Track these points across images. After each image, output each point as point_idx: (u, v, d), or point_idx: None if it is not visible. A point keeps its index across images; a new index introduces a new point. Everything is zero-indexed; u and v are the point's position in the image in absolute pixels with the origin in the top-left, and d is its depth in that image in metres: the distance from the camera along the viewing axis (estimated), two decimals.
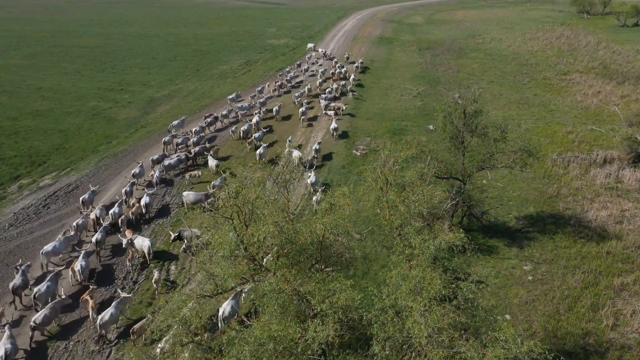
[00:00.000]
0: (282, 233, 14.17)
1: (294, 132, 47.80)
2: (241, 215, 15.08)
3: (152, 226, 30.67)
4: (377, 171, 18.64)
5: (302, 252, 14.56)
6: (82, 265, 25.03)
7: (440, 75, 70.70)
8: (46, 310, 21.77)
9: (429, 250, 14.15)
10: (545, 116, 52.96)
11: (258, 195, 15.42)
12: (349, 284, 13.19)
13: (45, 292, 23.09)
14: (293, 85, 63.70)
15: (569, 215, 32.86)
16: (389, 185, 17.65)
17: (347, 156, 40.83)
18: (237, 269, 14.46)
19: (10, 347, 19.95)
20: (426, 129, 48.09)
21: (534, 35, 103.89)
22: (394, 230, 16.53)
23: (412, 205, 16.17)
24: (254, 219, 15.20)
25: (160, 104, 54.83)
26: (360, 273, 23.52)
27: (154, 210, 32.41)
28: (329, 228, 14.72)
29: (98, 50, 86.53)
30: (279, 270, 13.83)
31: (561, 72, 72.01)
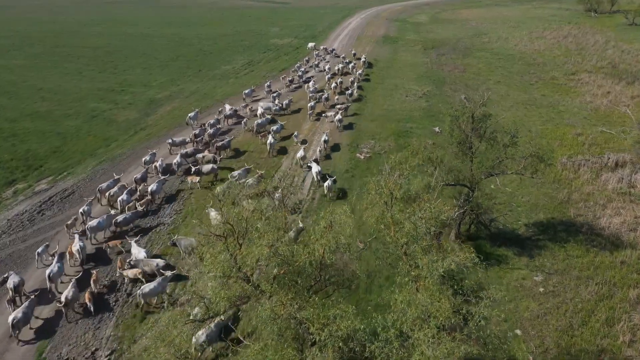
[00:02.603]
0: (277, 255, 13.17)
1: (301, 125, 48.47)
2: (234, 234, 14.08)
3: (148, 234, 29.68)
4: (381, 184, 17.55)
5: (300, 273, 13.55)
6: (81, 246, 26.45)
7: (445, 75, 69.49)
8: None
9: (437, 272, 13.14)
10: (554, 117, 51.72)
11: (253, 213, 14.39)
12: (350, 311, 12.17)
13: (57, 272, 24.78)
14: (305, 80, 64.14)
15: (580, 222, 31.70)
16: (394, 200, 16.61)
17: (351, 160, 39.76)
18: (229, 291, 13.47)
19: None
20: (432, 130, 46.95)
21: (541, 34, 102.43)
22: (399, 248, 15.49)
23: (418, 222, 15.11)
24: (249, 238, 14.19)
25: (161, 106, 53.91)
26: (362, 291, 22.44)
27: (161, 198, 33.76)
28: (328, 250, 13.68)
29: (100, 51, 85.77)
30: (274, 294, 12.82)
31: (569, 72, 70.66)
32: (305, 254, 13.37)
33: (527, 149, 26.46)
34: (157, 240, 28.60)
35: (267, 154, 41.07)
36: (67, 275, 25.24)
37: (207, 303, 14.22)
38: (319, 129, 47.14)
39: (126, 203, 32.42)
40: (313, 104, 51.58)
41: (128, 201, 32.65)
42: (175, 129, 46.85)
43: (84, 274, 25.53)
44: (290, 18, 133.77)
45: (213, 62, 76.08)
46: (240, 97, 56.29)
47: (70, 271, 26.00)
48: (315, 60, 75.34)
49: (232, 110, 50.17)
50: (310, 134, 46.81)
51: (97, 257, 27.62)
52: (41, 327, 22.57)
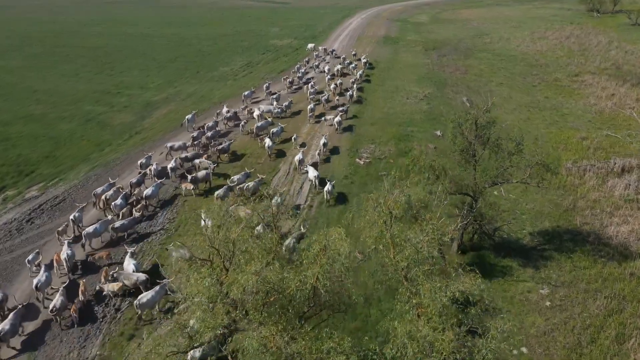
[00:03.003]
0: (266, 283, 12.19)
1: (300, 127, 47.83)
2: (220, 257, 13.09)
3: (139, 244, 28.69)
4: (379, 202, 16.54)
5: (291, 300, 12.55)
6: (68, 254, 25.76)
7: (447, 76, 68.45)
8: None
9: (440, 302, 12.16)
10: (557, 121, 50.68)
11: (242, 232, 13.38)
12: (345, 344, 11.18)
13: (45, 282, 24.15)
14: (305, 81, 63.34)
15: (587, 230, 30.69)
16: (394, 219, 15.62)
17: (350, 165, 38.75)
18: (215, 320, 12.46)
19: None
20: (433, 134, 45.92)
21: (543, 35, 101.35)
22: (400, 271, 14.49)
23: (419, 245, 14.12)
24: (235, 262, 13.20)
25: (157, 108, 52.92)
26: (359, 316, 21.30)
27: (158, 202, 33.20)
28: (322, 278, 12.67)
29: (99, 51, 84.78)
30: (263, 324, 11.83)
31: (572, 74, 69.58)
32: (297, 282, 12.38)
33: (532, 156, 25.47)
34: (148, 251, 27.60)
35: (265, 157, 40.21)
36: (53, 289, 24.22)
37: (191, 332, 13.24)
38: (318, 132, 46.22)
39: (120, 208, 31.63)
40: (313, 106, 50.99)
41: (122, 206, 31.82)
42: (171, 132, 45.90)
43: (72, 283, 24.66)
44: (290, 18, 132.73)
45: (212, 63, 75.08)
46: (238, 99, 55.37)
47: (59, 280, 25.16)
48: (315, 61, 74.52)
49: (232, 112, 49.49)
50: (309, 137, 45.86)
51: (86, 266, 26.71)
52: (24, 342, 21.61)
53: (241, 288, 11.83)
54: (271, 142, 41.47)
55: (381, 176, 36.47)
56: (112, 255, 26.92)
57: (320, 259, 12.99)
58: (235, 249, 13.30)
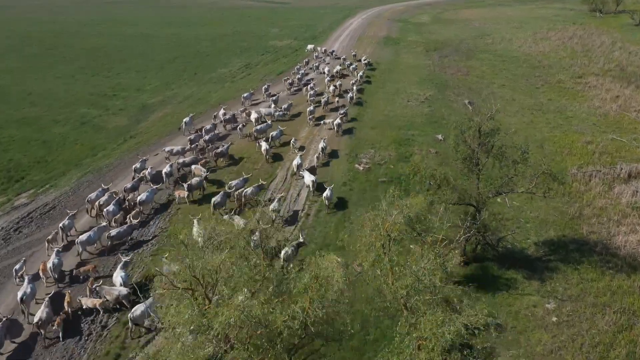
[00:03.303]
0: (251, 317, 11.19)
1: (300, 130, 47.19)
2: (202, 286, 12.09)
3: (130, 254, 27.68)
4: (377, 223, 15.52)
5: (279, 334, 11.55)
6: (54, 263, 25.02)
7: (448, 78, 67.42)
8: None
9: (443, 338, 11.16)
10: (561, 124, 49.62)
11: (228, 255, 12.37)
12: None
13: (30, 294, 23.34)
14: (304, 83, 62.47)
15: (594, 240, 29.65)
16: (392, 242, 14.62)
17: (349, 171, 37.70)
18: (196, 355, 11.47)
19: None
20: (434, 138, 44.89)
21: (545, 35, 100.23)
22: (399, 299, 13.49)
23: (420, 273, 13.10)
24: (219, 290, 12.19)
25: (153, 112, 51.94)
26: (355, 346, 20.10)
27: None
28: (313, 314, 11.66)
29: (97, 52, 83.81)
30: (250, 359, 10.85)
31: (576, 75, 68.48)
32: (284, 317, 11.36)
33: (539, 165, 24.45)
34: (139, 263, 26.59)
35: (262, 162, 39.28)
36: (38, 303, 23.21)
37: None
38: (317, 135, 45.29)
39: (113, 215, 30.66)
40: (312, 109, 50.16)
41: (115, 212, 30.89)
42: (166, 136, 44.92)
43: (57, 294, 23.71)
44: (291, 18, 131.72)
45: (210, 64, 74.09)
46: (236, 102, 54.49)
47: (46, 291, 24.31)
48: (315, 62, 73.62)
49: (230, 115, 48.67)
50: (308, 140, 44.90)
51: (74, 275, 25.78)
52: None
53: (224, 323, 10.85)
54: (268, 146, 40.64)
55: (381, 183, 35.54)
56: (99, 269, 25.85)
57: (312, 290, 11.97)
58: (218, 276, 12.35)
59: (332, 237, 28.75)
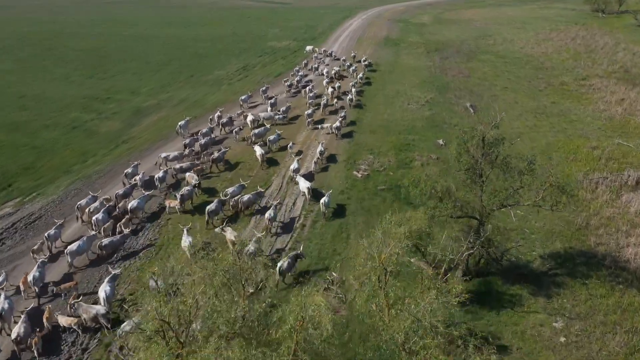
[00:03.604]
0: None
1: (298, 134, 45.99)
2: (173, 331, 10.86)
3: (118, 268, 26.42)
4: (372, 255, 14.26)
5: None
6: (35, 276, 24.06)
7: (449, 80, 66.11)
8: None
9: None
10: (566, 128, 48.31)
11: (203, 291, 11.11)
12: None
13: (9, 309, 22.16)
14: (304, 84, 61.36)
15: (602, 252, 28.35)
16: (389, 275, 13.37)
17: (347, 178, 36.40)
18: None
19: None
20: (435, 143, 43.60)
21: (548, 36, 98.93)
22: (397, 341, 12.21)
23: (419, 314, 11.84)
24: (192, 333, 10.96)
25: (146, 115, 50.70)
26: None
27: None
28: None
29: (94, 54, 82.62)
30: None
31: (580, 77, 67.15)
32: None
33: (546, 176, 23.16)
34: (125, 278, 25.29)
35: (257, 169, 38.06)
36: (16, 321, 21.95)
37: None
38: (315, 140, 44.02)
39: (103, 223, 29.48)
40: (311, 112, 49.05)
41: (105, 220, 29.71)
42: (160, 141, 43.69)
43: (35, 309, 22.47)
44: (291, 19, 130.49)
45: (207, 66, 72.84)
46: (232, 105, 53.30)
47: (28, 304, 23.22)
48: (314, 63, 72.39)
49: (227, 118, 47.56)
50: (306, 145, 43.67)
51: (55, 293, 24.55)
52: None
53: None
54: (263, 151, 39.53)
55: (380, 191, 34.27)
56: (82, 284, 24.58)
57: (297, 334, 10.72)
58: (191, 316, 11.12)
59: (328, 249, 27.49)
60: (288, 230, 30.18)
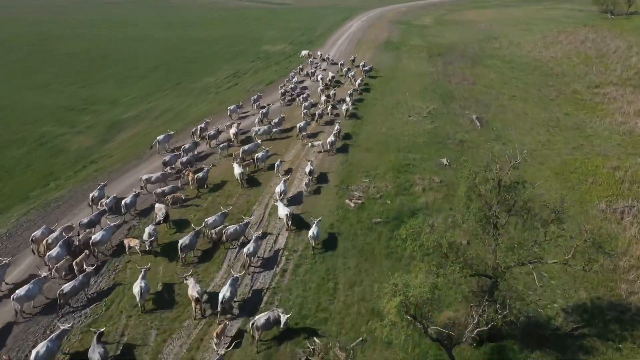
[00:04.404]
0: None
1: (288, 150, 41.94)
2: None
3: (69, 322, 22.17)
4: None
5: None
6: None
7: (453, 88, 61.78)
8: None
9: None
10: (582, 144, 43.97)
11: None
12: None
13: None
14: (298, 92, 57.59)
15: (635, 304, 24.03)
16: None
17: (338, 208, 31.99)
18: None
19: None
20: (438, 163, 39.30)
21: (556, 39, 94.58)
22: None
23: None
24: None
25: (123, 129, 46.47)
26: None
27: None
28: None
29: (82, 57, 78.56)
30: None
31: (592, 85, 62.79)
32: None
33: (575, 225, 18.85)
34: (65, 343, 20.93)
35: (237, 195, 33.81)
36: None
37: None
38: (305, 158, 39.79)
39: (57, 260, 25.29)
40: (304, 124, 44.80)
41: (60, 257, 25.54)
42: (133, 161, 39.40)
43: None
44: (289, 20, 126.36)
45: (196, 72, 68.63)
46: (218, 117, 49.16)
47: None
48: (310, 69, 68.20)
49: (214, 130, 43.57)
50: (296, 163, 39.41)
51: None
52: None
53: None
54: (242, 170, 35.42)
55: (375, 225, 29.94)
56: (11, 356, 20.30)
57: None
58: None
59: (311, 304, 23.13)
60: (271, 263, 26.14)
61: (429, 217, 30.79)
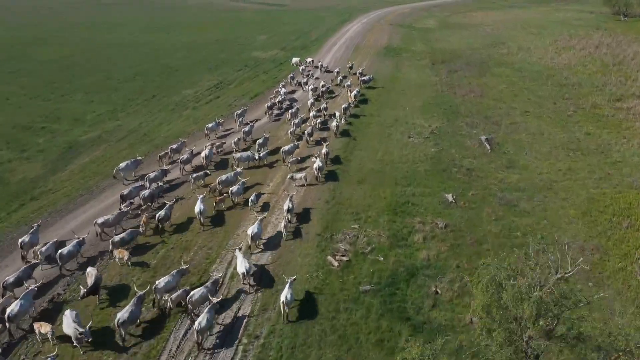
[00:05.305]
0: None
1: (269, 178, 36.24)
2: None
3: None
4: None
5: None
6: None
7: (459, 101, 55.52)
8: None
9: None
10: (609, 173, 37.76)
11: None
12: None
13: None
14: (288, 105, 51.95)
15: None
16: None
17: (318, 267, 25.72)
18: None
19: None
20: (443, 199, 33.16)
21: (568, 44, 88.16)
22: None
23: None
24: None
25: (79, 154, 40.31)
26: None
27: None
28: None
29: (55, 65, 72.21)
30: None
31: (614, 97, 56.47)
32: None
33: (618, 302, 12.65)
34: None
35: (195, 249, 27.73)
36: None
37: None
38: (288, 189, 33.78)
39: None
40: (290, 148, 38.89)
41: None
42: (81, 197, 33.30)
43: None
44: (284, 23, 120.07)
45: (176, 82, 62.46)
46: (194, 136, 43.23)
47: None
48: (302, 78, 62.15)
49: (188, 153, 37.70)
50: (275, 199, 33.36)
51: None
52: None
53: None
54: (203, 206, 29.66)
55: (363, 294, 23.74)
56: None
57: None
58: None
59: None
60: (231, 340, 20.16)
61: (431, 279, 24.70)
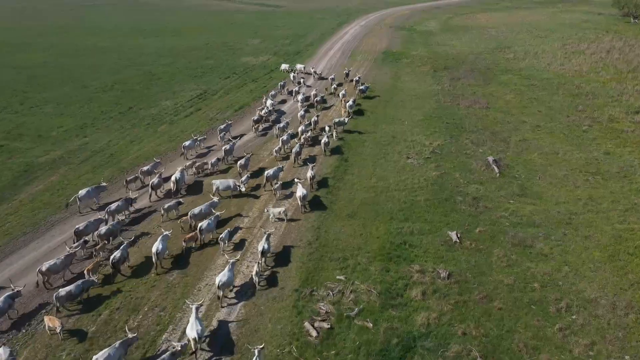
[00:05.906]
0: None
1: (248, 208, 31.52)
2: None
3: None
4: None
5: None
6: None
7: (463, 114, 50.75)
8: None
9: None
10: (636, 203, 32.89)
11: None
12: None
13: None
14: (275, 118, 48.20)
15: None
16: None
17: (292, 337, 20.83)
18: None
19: None
20: (446, 238, 28.35)
21: (577, 48, 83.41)
22: None
23: None
24: None
25: (33, 180, 35.53)
26: None
27: None
28: None
29: (29, 73, 67.68)
30: None
31: (632, 109, 51.69)
32: None
33: None
34: None
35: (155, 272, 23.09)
36: None
37: None
38: (263, 228, 28.98)
39: None
40: (274, 171, 34.08)
41: None
42: (25, 235, 28.51)
43: None
44: (279, 25, 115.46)
45: (155, 93, 57.75)
46: (169, 156, 38.65)
47: None
48: (294, 86, 57.62)
49: (158, 178, 33.05)
50: (253, 234, 28.70)
51: None
52: None
53: None
54: (161, 246, 25.02)
55: None
56: None
57: None
58: None
59: None
60: None
61: (432, 354, 19.88)
